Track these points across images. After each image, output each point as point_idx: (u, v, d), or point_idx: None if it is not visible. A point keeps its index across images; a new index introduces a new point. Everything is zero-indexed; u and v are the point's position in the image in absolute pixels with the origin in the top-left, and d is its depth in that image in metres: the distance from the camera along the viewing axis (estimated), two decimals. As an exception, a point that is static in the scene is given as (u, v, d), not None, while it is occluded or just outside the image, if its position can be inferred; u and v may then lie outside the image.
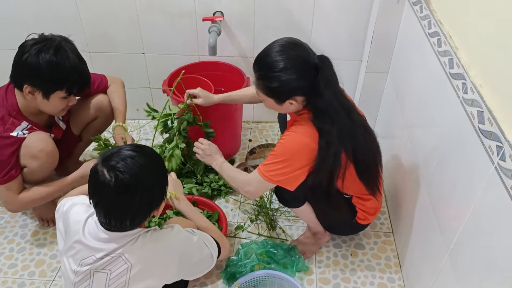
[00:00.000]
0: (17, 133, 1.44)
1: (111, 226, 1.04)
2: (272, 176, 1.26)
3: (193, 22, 1.90)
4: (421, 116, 1.42)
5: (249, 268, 1.44)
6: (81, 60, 1.44)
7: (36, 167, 1.49)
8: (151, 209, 1.06)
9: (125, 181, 0.97)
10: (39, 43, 1.36)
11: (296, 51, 1.19)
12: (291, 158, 1.23)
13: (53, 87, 1.39)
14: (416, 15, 1.50)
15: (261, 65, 1.21)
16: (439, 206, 1.23)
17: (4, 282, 1.51)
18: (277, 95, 1.22)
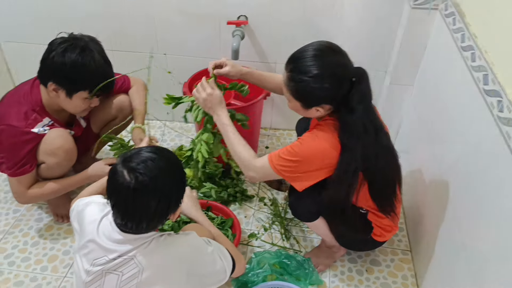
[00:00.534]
0: (38, 129, 1.45)
1: (127, 228, 1.03)
2: (282, 170, 1.22)
3: (217, 24, 1.89)
4: (448, 132, 1.36)
5: (261, 278, 1.41)
6: (106, 61, 1.45)
7: (54, 164, 1.49)
8: (167, 213, 1.04)
9: (145, 184, 0.96)
10: (66, 42, 1.37)
11: (333, 59, 1.14)
12: (307, 160, 1.19)
13: (77, 87, 1.40)
14: (448, 27, 1.45)
15: (294, 66, 1.15)
16: (464, 226, 1.18)
17: (16, 275, 1.51)
18: (305, 100, 1.18)
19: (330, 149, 1.17)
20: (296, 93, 1.17)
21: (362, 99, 1.14)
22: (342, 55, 1.16)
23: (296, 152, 1.20)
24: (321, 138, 1.19)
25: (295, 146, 1.21)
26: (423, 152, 1.60)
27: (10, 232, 1.66)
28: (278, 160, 1.22)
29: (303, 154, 1.19)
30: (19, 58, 2.13)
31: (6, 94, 1.55)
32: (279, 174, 1.23)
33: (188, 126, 2.24)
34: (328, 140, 1.18)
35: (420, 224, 1.58)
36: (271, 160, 1.23)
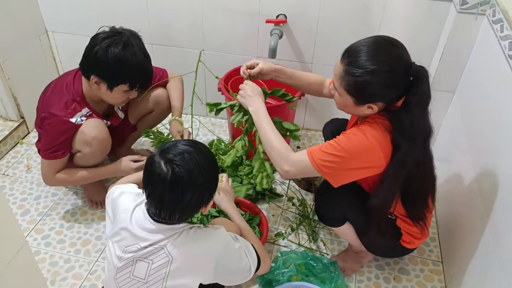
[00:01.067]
0: (76, 119, 1.51)
1: (160, 218, 1.05)
2: (322, 166, 1.13)
3: (255, 22, 1.90)
4: (491, 144, 1.31)
5: (286, 278, 1.41)
6: (146, 56, 1.50)
7: (88, 153, 1.56)
8: (200, 205, 1.06)
9: (181, 176, 0.98)
10: (109, 38, 1.42)
11: (394, 54, 1.08)
12: (353, 156, 1.12)
13: (118, 81, 1.46)
14: (496, 34, 1.40)
15: (351, 60, 1.09)
16: (501, 243, 1.13)
17: (51, 256, 1.58)
18: (360, 96, 1.12)
19: (379, 148, 1.11)
20: (352, 88, 1.11)
21: (421, 101, 1.09)
22: (403, 50, 1.10)
23: (342, 147, 1.12)
24: (371, 135, 1.11)
25: (341, 141, 1.13)
26: (462, 161, 1.54)
27: (48, 214, 1.74)
28: (319, 154, 1.14)
29: (350, 150, 1.11)
30: (64, 48, 2.22)
31: (51, 83, 1.63)
32: (318, 170, 1.14)
33: (221, 122, 2.26)
34: (378, 139, 1.11)
35: (454, 235, 1.53)
36: (310, 154, 1.15)
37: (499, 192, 1.19)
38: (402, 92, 1.10)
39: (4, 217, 0.78)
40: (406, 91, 1.10)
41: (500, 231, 1.16)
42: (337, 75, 1.14)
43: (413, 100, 1.09)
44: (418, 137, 1.12)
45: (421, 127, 1.12)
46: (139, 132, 1.92)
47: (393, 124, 1.12)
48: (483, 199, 1.29)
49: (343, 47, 1.21)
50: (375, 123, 1.14)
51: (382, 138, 1.12)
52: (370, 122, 1.15)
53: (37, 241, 1.63)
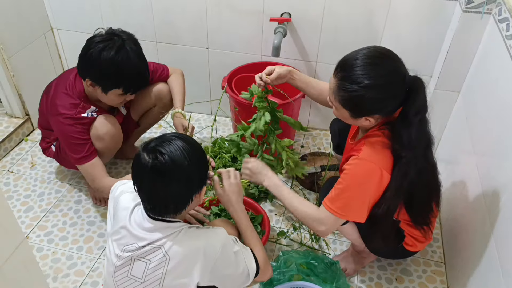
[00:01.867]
0: (87, 113, 1.53)
1: (155, 213, 1.05)
2: (344, 211, 1.17)
3: (260, 21, 1.89)
4: (496, 145, 1.29)
5: (287, 277, 1.40)
6: (141, 61, 1.49)
7: (101, 148, 1.57)
8: (191, 192, 1.05)
9: (164, 162, 0.98)
10: (103, 42, 1.42)
11: (388, 67, 1.07)
12: (360, 187, 1.14)
13: (111, 85, 1.47)
14: (502, 33, 1.38)
15: (345, 75, 1.08)
16: (504, 247, 1.12)
17: (54, 252, 1.59)
18: (356, 110, 1.12)
19: (379, 169, 1.12)
20: (346, 103, 1.11)
21: (418, 111, 1.09)
22: (397, 62, 1.09)
23: (346, 185, 1.15)
24: (368, 159, 1.12)
25: (343, 179, 1.16)
26: (466, 163, 1.53)
27: (51, 211, 1.75)
28: (332, 203, 1.17)
29: (356, 182, 1.14)
30: (70, 46, 2.23)
31: (52, 82, 1.63)
32: (343, 217, 1.18)
33: (226, 120, 2.26)
34: (376, 161, 1.12)
35: (457, 237, 1.51)
36: (327, 207, 1.18)
37: (503, 195, 1.18)
38: (399, 103, 1.10)
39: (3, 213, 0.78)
40: (403, 102, 1.09)
41: (502, 234, 1.14)
42: (332, 89, 1.14)
43: (411, 111, 1.08)
44: (418, 147, 1.12)
45: (421, 136, 1.12)
46: (142, 128, 1.92)
47: (392, 136, 1.13)
48: (486, 202, 1.28)
49: (348, 46, 1.21)
50: (371, 144, 1.14)
51: (380, 156, 1.13)
52: (366, 144, 1.15)
53: (40, 237, 1.64)
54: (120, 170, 1.97)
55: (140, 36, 2.05)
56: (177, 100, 1.72)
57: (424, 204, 1.25)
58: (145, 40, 2.07)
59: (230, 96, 1.85)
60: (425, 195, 1.23)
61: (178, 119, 1.68)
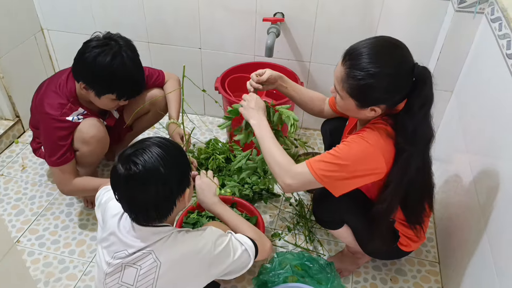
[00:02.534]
0: (72, 117, 1.50)
1: (139, 221, 1.04)
2: (323, 176, 1.10)
3: (253, 21, 1.88)
4: (489, 144, 1.30)
5: (282, 279, 1.39)
6: (137, 68, 1.47)
7: (86, 152, 1.54)
8: (172, 197, 1.03)
9: (139, 171, 0.96)
10: (99, 47, 1.39)
11: (396, 56, 1.06)
12: (354, 165, 1.09)
13: (105, 90, 1.45)
14: (494, 33, 1.38)
15: (353, 63, 1.05)
16: (498, 246, 1.12)
17: (46, 256, 1.57)
18: (363, 100, 1.10)
19: (380, 154, 1.09)
20: (354, 92, 1.08)
21: (424, 103, 1.07)
22: (406, 51, 1.07)
23: (342, 156, 1.09)
24: (372, 141, 1.09)
25: (341, 149, 1.11)
26: (459, 162, 1.53)
27: (42, 215, 1.73)
28: (319, 164, 1.11)
29: (351, 158, 1.09)
30: (60, 46, 2.20)
31: (44, 82, 1.61)
32: (319, 180, 1.11)
33: (219, 121, 2.25)
34: (379, 145, 1.09)
35: (451, 236, 1.51)
36: (310, 165, 1.12)
37: (496, 194, 1.18)
38: (406, 94, 1.08)
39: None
40: (409, 93, 1.08)
41: (496, 232, 1.14)
42: (338, 77, 1.11)
43: (416, 103, 1.07)
44: (420, 141, 1.11)
45: (424, 130, 1.11)
46: (135, 132, 1.90)
47: (396, 128, 1.10)
48: (480, 200, 1.28)
49: (341, 45, 1.19)
50: (376, 129, 1.12)
51: (384, 143, 1.10)
52: (371, 128, 1.13)
53: (31, 241, 1.62)
54: (112, 172, 1.95)
55: (132, 36, 2.03)
56: (172, 109, 1.71)
57: (418, 203, 1.25)
58: (137, 41, 2.03)
59: (223, 97, 1.84)
60: (419, 194, 1.22)
61: (174, 129, 1.66)
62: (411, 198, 1.20)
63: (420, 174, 1.16)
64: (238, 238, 1.17)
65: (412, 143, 1.10)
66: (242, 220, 1.29)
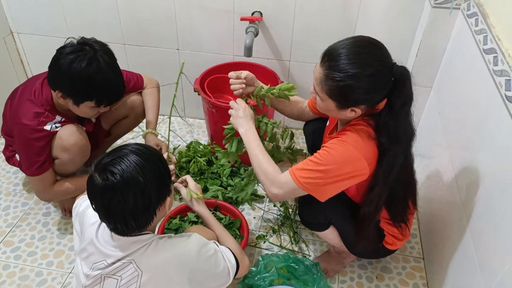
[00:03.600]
0: (50, 126, 1.44)
1: (118, 231, 1.00)
2: (306, 183, 1.10)
3: (231, 20, 1.85)
4: (468, 139, 1.31)
5: (268, 282, 1.37)
6: (115, 73, 1.41)
7: (67, 160, 1.49)
8: (151, 206, 0.99)
9: (116, 181, 0.92)
10: (74, 53, 1.33)
11: (375, 56, 1.05)
12: (336, 169, 1.09)
13: (82, 98, 1.39)
14: (471, 28, 1.39)
15: (332, 64, 1.04)
16: (480, 240, 1.12)
17: (22, 269, 1.51)
18: (343, 101, 1.08)
19: (361, 157, 1.08)
20: (333, 93, 1.07)
21: (405, 102, 1.07)
22: (384, 51, 1.07)
23: (323, 162, 1.09)
24: (352, 144, 1.09)
25: (322, 155, 1.10)
26: (440, 157, 1.54)
27: (17, 226, 1.66)
28: (301, 172, 1.11)
29: (332, 163, 1.08)
30: (32, 50, 2.13)
31: (18, 88, 1.54)
32: (303, 188, 1.11)
33: (200, 122, 2.21)
34: (360, 147, 1.09)
35: (434, 231, 1.52)
36: (293, 174, 1.12)
37: (477, 188, 1.18)
38: (385, 94, 1.08)
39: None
40: (389, 93, 1.07)
41: (478, 227, 1.15)
42: (318, 79, 1.10)
43: (397, 102, 1.07)
44: (403, 140, 1.11)
45: (406, 129, 1.11)
46: (113, 137, 1.85)
47: (377, 128, 1.10)
48: (461, 195, 1.29)
49: (321, 44, 1.18)
50: (356, 131, 1.11)
51: (365, 145, 1.09)
52: (351, 130, 1.12)
53: (6, 254, 1.55)
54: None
55: (108, 38, 1.98)
56: (150, 117, 1.66)
57: (402, 201, 1.25)
58: (113, 43, 1.98)
59: (203, 98, 1.81)
60: (404, 192, 1.22)
61: (152, 139, 1.62)
62: (395, 197, 1.20)
63: (404, 172, 1.15)
64: (224, 252, 1.14)
65: (395, 143, 1.09)
66: (227, 233, 1.29)
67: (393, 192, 1.18)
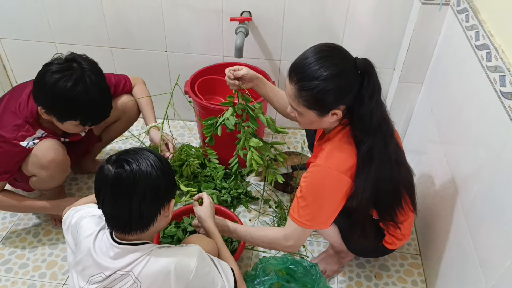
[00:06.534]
0: (27, 143, 1.39)
1: (120, 229, 0.98)
2: (308, 221, 1.16)
3: (220, 21, 1.83)
4: (462, 134, 1.31)
5: (267, 286, 1.36)
6: (101, 94, 1.36)
7: (46, 177, 1.44)
8: (158, 205, 1.00)
9: (130, 171, 0.94)
10: (60, 72, 1.29)
11: (338, 55, 1.10)
12: (324, 197, 1.14)
13: (66, 117, 1.35)
14: (461, 24, 1.39)
15: (301, 76, 1.08)
16: (479, 235, 1.13)
17: (14, 282, 1.46)
18: (322, 106, 1.10)
19: (339, 174, 1.11)
20: (311, 101, 1.09)
21: (373, 92, 1.09)
22: (344, 50, 1.12)
23: (308, 194, 1.14)
24: (327, 165, 1.12)
25: (304, 188, 1.15)
26: (433, 153, 1.54)
27: (7, 237, 1.61)
28: (298, 213, 1.17)
29: (316, 192, 1.14)
30: (16, 56, 2.06)
31: (3, 97, 1.48)
32: (308, 227, 1.18)
33: (191, 124, 2.18)
34: (337, 163, 1.12)
35: (430, 227, 1.53)
36: (293, 218, 1.18)
37: (474, 183, 1.19)
38: (358, 88, 1.09)
39: None
40: (360, 87, 1.09)
41: (476, 222, 1.15)
42: (292, 95, 1.13)
43: (367, 93, 1.09)
44: (377, 130, 1.12)
45: (380, 118, 1.12)
46: (103, 142, 1.81)
47: (352, 123, 1.13)
48: (456, 192, 1.29)
49: (311, 42, 1.18)
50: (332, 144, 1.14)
51: (342, 156, 1.13)
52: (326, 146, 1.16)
53: (-4, 267, 1.51)
54: (81, 185, 1.85)
55: (93, 41, 1.95)
56: (148, 113, 1.64)
57: (389, 199, 1.21)
58: (99, 46, 1.96)
59: (194, 101, 1.78)
60: (391, 189, 1.20)
61: (156, 134, 1.59)
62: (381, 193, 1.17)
63: (387, 167, 1.14)
64: (222, 270, 1.11)
65: (370, 134, 1.11)
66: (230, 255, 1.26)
67: (379, 189, 1.16)
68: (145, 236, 1.02)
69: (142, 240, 1.01)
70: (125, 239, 1.00)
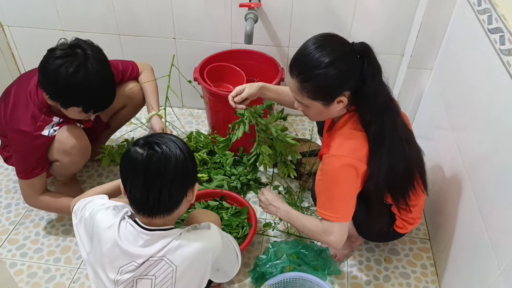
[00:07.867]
0: (48, 131, 1.40)
1: (147, 209, 0.99)
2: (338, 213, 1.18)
3: (228, 7, 1.82)
4: (473, 119, 1.31)
5: (279, 269, 1.38)
6: (104, 81, 1.35)
7: (68, 162, 1.46)
8: (185, 187, 1.02)
9: (161, 152, 0.96)
10: (63, 57, 1.27)
11: (336, 42, 1.12)
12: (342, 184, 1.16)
13: (69, 104, 1.35)
14: (473, 8, 1.38)
15: (302, 67, 1.11)
16: (491, 217, 1.14)
17: (29, 267, 1.49)
18: (327, 94, 1.12)
19: (352, 159, 1.13)
20: (316, 91, 1.11)
21: (375, 73, 1.11)
22: (339, 37, 1.14)
23: (327, 186, 1.17)
24: (338, 153, 1.14)
25: (321, 181, 1.18)
26: (443, 138, 1.55)
27: (21, 223, 1.64)
28: (326, 210, 1.19)
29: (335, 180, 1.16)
30: (24, 44, 2.07)
31: (10, 88, 1.49)
32: (341, 220, 1.19)
33: (199, 112, 2.19)
34: (347, 149, 1.13)
35: (439, 212, 1.54)
36: (324, 216, 1.20)
37: (484, 170, 1.20)
38: (360, 72, 1.11)
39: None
40: (361, 70, 1.11)
41: (488, 205, 1.16)
42: (295, 89, 1.14)
43: (368, 74, 1.10)
44: (383, 109, 1.14)
45: (384, 97, 1.14)
46: (112, 129, 1.83)
47: (358, 107, 1.14)
48: (467, 176, 1.30)
49: (320, 29, 1.20)
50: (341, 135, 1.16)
51: (352, 143, 1.14)
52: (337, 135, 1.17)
53: (12, 252, 1.53)
54: (92, 173, 1.87)
55: (101, 29, 1.95)
56: (152, 101, 1.63)
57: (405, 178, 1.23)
58: (107, 33, 1.96)
59: (203, 88, 1.78)
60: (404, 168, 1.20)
61: (157, 122, 1.59)
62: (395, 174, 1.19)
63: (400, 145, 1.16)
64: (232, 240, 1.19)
65: (378, 114, 1.13)
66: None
67: (393, 169, 1.17)
68: (170, 221, 1.03)
69: (168, 225, 1.03)
70: (152, 224, 1.01)
